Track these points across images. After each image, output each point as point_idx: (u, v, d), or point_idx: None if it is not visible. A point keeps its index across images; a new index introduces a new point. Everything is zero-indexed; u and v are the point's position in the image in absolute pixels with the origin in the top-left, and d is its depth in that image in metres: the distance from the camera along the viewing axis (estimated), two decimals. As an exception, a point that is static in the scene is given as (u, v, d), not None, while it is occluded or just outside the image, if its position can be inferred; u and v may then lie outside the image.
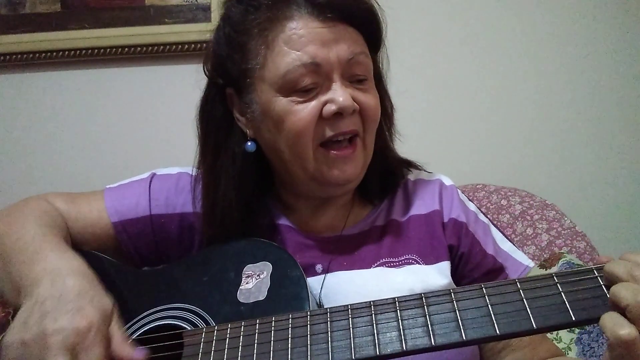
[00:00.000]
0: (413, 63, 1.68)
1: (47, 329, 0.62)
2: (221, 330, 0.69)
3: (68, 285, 0.67)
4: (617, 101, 1.69)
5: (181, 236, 0.90)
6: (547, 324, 0.58)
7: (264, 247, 0.81)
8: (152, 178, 0.93)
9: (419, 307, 0.62)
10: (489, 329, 0.58)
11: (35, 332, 0.63)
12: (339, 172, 0.81)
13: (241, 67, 0.81)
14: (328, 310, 0.65)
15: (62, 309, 0.64)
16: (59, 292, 0.66)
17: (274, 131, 0.80)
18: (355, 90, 0.80)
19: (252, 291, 0.75)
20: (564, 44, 1.69)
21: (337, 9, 0.77)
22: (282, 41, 0.77)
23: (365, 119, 0.82)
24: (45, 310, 0.64)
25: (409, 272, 0.83)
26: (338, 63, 0.78)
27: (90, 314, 0.65)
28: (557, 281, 0.60)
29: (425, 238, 0.86)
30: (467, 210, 0.91)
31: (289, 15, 0.78)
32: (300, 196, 0.88)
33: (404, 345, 0.60)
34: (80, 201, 0.91)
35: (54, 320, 0.63)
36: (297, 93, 0.78)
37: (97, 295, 0.68)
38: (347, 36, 0.79)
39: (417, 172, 0.96)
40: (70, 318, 0.63)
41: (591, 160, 1.70)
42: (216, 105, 0.86)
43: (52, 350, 0.61)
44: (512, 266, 0.88)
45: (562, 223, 1.45)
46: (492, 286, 0.62)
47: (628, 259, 0.58)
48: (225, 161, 0.84)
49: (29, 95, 1.68)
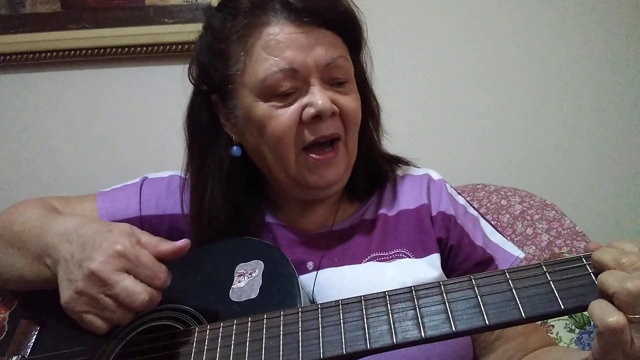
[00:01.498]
0: (413, 63, 1.69)
1: (91, 268, 0.65)
2: (213, 329, 0.69)
3: (83, 233, 0.71)
4: (618, 101, 1.69)
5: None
6: (536, 312, 0.58)
7: (255, 245, 0.81)
8: (143, 181, 0.95)
9: (409, 300, 0.62)
10: (479, 320, 0.59)
11: (83, 278, 0.66)
12: (319, 177, 0.82)
13: (223, 74, 0.82)
14: (319, 306, 0.65)
15: (91, 250, 0.67)
16: (80, 242, 0.69)
17: (257, 136, 0.82)
18: (334, 93, 0.81)
19: (244, 289, 0.75)
20: (564, 43, 1.69)
21: (313, 13, 0.78)
22: (260, 47, 0.79)
23: (346, 121, 0.82)
24: (78, 260, 0.68)
25: (399, 266, 0.83)
26: (316, 67, 0.79)
27: (117, 239, 0.68)
28: (546, 270, 0.60)
29: (414, 232, 0.87)
30: (455, 204, 0.92)
31: (266, 22, 0.79)
32: (288, 197, 0.89)
33: (394, 339, 0.60)
34: (73, 203, 0.93)
35: (92, 260, 0.66)
36: (277, 98, 0.79)
37: (112, 226, 0.72)
38: (325, 40, 0.79)
39: (406, 167, 0.97)
40: (103, 251, 0.66)
41: (591, 160, 1.70)
42: (202, 111, 0.87)
43: (111, 279, 0.65)
44: (502, 257, 0.89)
45: (562, 223, 1.44)
46: (481, 277, 0.62)
47: (615, 246, 0.58)
48: (212, 166, 0.86)
49: (29, 95, 1.68)
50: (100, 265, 0.65)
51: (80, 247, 0.69)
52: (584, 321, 1.22)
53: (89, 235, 0.70)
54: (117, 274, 0.65)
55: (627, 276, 0.53)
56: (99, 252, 0.66)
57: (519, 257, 0.89)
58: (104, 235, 0.69)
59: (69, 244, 0.70)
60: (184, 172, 0.91)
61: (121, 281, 0.65)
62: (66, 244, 0.71)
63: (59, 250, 0.71)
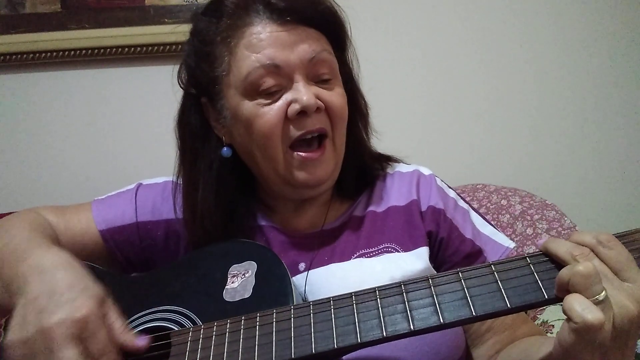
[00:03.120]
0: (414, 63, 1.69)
1: (47, 323, 0.62)
2: (207, 329, 0.69)
3: (58, 279, 0.66)
4: (618, 101, 1.69)
5: (167, 243, 0.92)
6: (521, 302, 0.60)
7: (248, 247, 0.82)
8: (138, 188, 0.96)
9: (398, 295, 0.64)
10: (466, 311, 0.60)
11: (35, 329, 0.62)
12: (308, 175, 0.83)
13: (209, 76, 0.83)
14: (311, 303, 0.66)
15: (56, 303, 0.63)
16: (50, 287, 0.65)
17: (245, 135, 0.82)
18: (319, 89, 0.82)
19: (237, 290, 0.75)
20: (564, 43, 1.68)
21: (295, 12, 0.80)
22: (243, 46, 0.80)
23: (332, 117, 0.83)
24: (40, 306, 0.64)
25: (387, 260, 0.84)
26: (300, 63, 0.79)
27: (86, 303, 0.64)
28: (530, 262, 0.63)
29: (403, 227, 0.88)
30: (445, 197, 0.92)
31: (249, 22, 0.80)
32: (279, 198, 0.90)
33: (384, 332, 0.61)
34: (69, 213, 0.93)
35: (52, 314, 0.62)
36: (262, 96, 0.80)
37: (89, 285, 0.67)
38: (308, 37, 0.81)
39: (396, 164, 0.98)
40: (67, 310, 0.63)
41: (591, 160, 1.70)
42: (192, 115, 0.89)
43: (59, 343, 0.61)
44: (492, 249, 0.90)
45: (562, 223, 1.44)
46: (467, 270, 0.64)
47: (573, 239, 0.61)
48: (202, 167, 0.87)
49: (29, 95, 1.68)
50: (56, 325, 0.62)
51: (48, 293, 0.65)
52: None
53: (63, 284, 0.66)
54: (66, 341, 0.61)
55: (578, 263, 0.57)
56: (62, 309, 0.63)
57: (509, 248, 0.90)
58: (75, 292, 0.65)
59: (38, 283, 0.66)
60: (176, 175, 0.92)
61: (65, 350, 0.61)
62: (36, 281, 0.67)
63: (27, 283, 0.67)
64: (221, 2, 0.83)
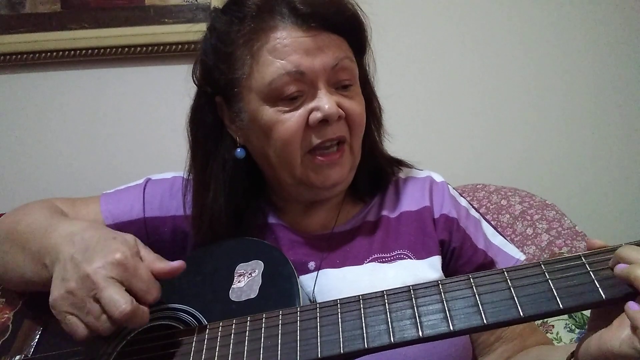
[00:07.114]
0: (414, 63, 1.69)
1: (86, 270, 0.65)
2: (213, 329, 0.69)
3: (87, 237, 0.71)
4: (618, 101, 1.69)
5: (174, 239, 0.92)
6: (535, 311, 0.57)
7: (255, 245, 0.82)
8: (146, 183, 0.95)
9: (407, 300, 0.62)
10: (477, 319, 0.58)
11: (76, 278, 0.66)
12: (325, 177, 0.82)
13: (228, 77, 0.82)
14: (317, 305, 0.65)
15: (91, 254, 0.67)
16: (82, 245, 0.69)
17: (263, 139, 0.82)
18: (340, 97, 0.81)
19: (243, 289, 0.75)
20: (564, 43, 1.69)
21: (321, 18, 0.78)
22: (267, 51, 0.78)
23: (351, 124, 0.83)
24: (77, 261, 0.67)
25: (400, 267, 0.83)
26: (323, 70, 0.79)
27: (120, 247, 0.68)
28: (545, 269, 0.60)
29: (416, 234, 0.87)
30: (458, 206, 0.91)
31: (273, 26, 0.78)
32: (290, 199, 0.90)
33: (392, 338, 0.59)
34: (78, 205, 0.93)
35: (90, 263, 0.66)
36: (284, 102, 0.79)
37: (117, 234, 0.72)
38: (331, 44, 0.80)
39: (408, 169, 0.97)
40: (103, 256, 0.67)
41: (591, 160, 1.70)
42: (206, 113, 0.87)
43: (101, 284, 0.64)
44: (503, 260, 0.89)
45: (562, 223, 1.44)
46: (479, 276, 0.62)
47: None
48: (215, 167, 0.86)
49: (29, 95, 1.68)
50: (96, 270, 0.65)
51: (82, 249, 0.69)
52: (584, 321, 1.22)
53: (93, 240, 0.70)
54: (108, 280, 0.65)
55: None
56: (98, 257, 0.66)
57: (520, 260, 0.89)
58: (107, 242, 0.69)
59: (71, 245, 0.70)
60: (187, 173, 0.91)
61: (109, 287, 0.64)
62: (69, 245, 0.71)
63: (60, 250, 0.71)
64: (243, 2, 0.81)
